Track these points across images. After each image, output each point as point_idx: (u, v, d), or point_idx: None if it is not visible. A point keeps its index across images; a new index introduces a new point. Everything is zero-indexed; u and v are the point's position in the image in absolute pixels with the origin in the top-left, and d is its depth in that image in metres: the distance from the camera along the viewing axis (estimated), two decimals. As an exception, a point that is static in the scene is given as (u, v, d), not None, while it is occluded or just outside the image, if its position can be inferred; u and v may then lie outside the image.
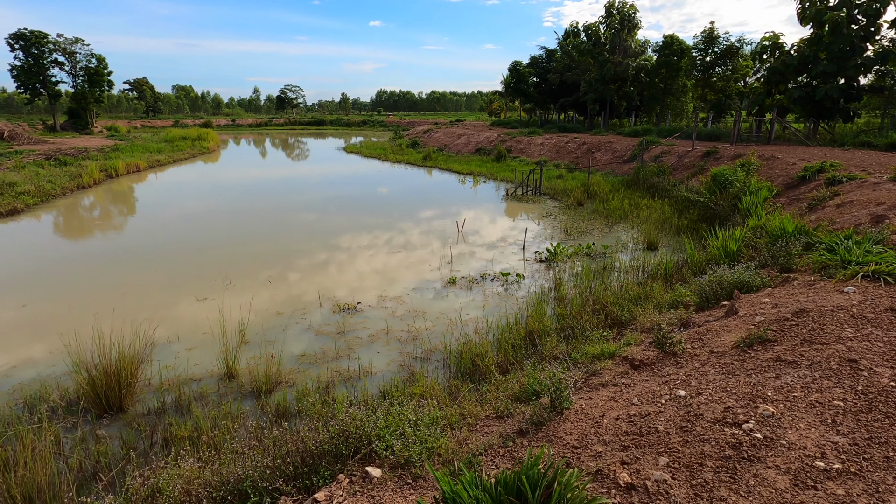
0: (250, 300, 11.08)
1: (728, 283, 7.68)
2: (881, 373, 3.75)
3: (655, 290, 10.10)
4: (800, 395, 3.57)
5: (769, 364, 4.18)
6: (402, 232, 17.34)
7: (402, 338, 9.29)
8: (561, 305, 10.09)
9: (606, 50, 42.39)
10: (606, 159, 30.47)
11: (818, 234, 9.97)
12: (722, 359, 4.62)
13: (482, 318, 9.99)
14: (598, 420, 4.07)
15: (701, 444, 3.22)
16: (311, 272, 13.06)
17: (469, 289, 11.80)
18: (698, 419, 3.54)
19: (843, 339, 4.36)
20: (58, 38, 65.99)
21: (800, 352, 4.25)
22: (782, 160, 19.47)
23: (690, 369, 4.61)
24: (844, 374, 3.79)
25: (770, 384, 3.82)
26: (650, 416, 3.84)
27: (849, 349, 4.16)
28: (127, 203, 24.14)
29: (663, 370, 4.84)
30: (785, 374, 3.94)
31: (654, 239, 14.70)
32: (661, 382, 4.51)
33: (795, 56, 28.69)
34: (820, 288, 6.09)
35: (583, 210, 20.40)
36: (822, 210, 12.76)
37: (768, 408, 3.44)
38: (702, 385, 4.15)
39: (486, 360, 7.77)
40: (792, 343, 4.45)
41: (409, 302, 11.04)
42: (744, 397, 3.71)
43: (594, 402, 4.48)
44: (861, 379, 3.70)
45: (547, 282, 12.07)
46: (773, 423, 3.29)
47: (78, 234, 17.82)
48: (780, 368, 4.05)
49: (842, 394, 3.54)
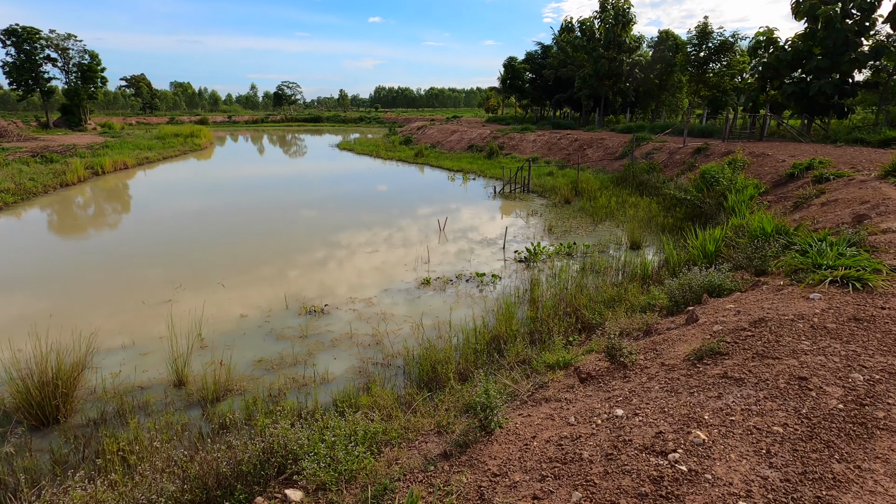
0: (215, 302, 10.76)
1: (698, 287, 7.35)
2: (831, 393, 3.42)
3: (631, 291, 9.77)
4: (738, 420, 3.25)
5: (715, 381, 3.85)
6: (383, 231, 17.00)
7: (366, 342, 8.97)
8: (533, 308, 9.76)
9: (601, 45, 41.92)
10: (598, 156, 30.10)
11: (798, 234, 9.63)
12: (670, 373, 4.29)
13: (451, 322, 9.67)
14: (528, 442, 3.75)
15: (621, 476, 2.89)
16: (282, 273, 12.72)
17: (442, 290, 11.47)
18: (626, 445, 3.22)
19: (798, 353, 4.03)
20: (50, 34, 65.40)
21: (749, 367, 3.93)
22: (772, 157, 19.10)
23: (636, 384, 4.29)
24: (791, 394, 3.47)
25: (710, 405, 3.50)
26: (581, 439, 3.52)
27: (801, 365, 3.83)
28: (108, 201, 23.80)
29: (610, 384, 4.51)
30: (728, 393, 3.61)
31: (637, 238, 14.36)
32: (604, 399, 4.18)
33: (789, 51, 28.27)
34: (787, 294, 5.76)
35: (570, 208, 20.05)
36: (807, 209, 12.41)
37: (700, 435, 3.11)
38: (642, 404, 3.83)
39: (446, 366, 7.45)
40: (743, 357, 4.12)
41: (379, 304, 10.71)
42: (679, 420, 3.38)
43: (531, 420, 4.16)
44: (808, 400, 3.37)
45: (523, 283, 11.74)
46: (703, 452, 2.96)
47: (53, 233, 17.48)
48: (725, 387, 3.72)
49: (784, 418, 3.21)
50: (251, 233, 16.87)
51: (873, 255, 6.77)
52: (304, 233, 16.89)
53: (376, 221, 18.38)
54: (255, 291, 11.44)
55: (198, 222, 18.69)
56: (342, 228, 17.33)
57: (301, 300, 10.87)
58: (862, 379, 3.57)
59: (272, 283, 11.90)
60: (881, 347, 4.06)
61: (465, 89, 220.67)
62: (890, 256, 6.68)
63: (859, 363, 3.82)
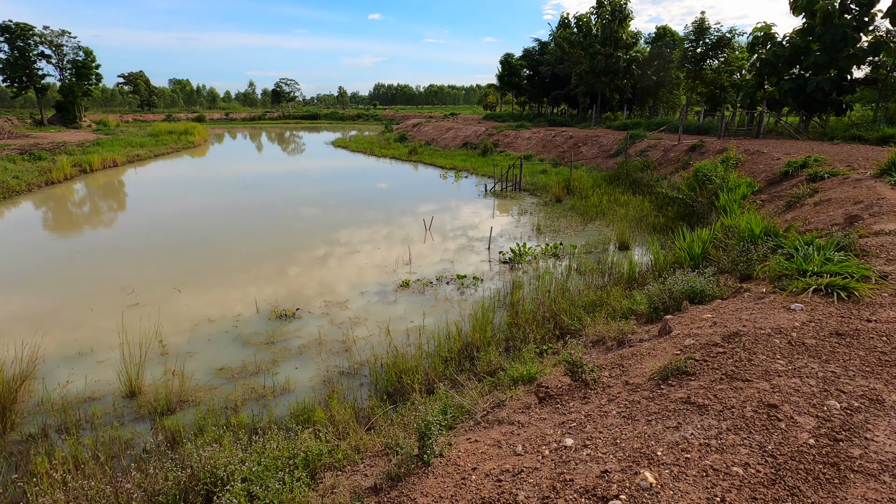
0: (184, 306, 10.37)
1: (678, 294, 6.95)
2: (802, 424, 3.02)
3: (613, 295, 9.38)
4: (694, 458, 2.85)
5: (676, 407, 3.45)
6: (367, 232, 16.60)
7: (335, 349, 8.58)
8: (512, 313, 9.36)
9: (598, 42, 41.40)
10: (593, 153, 29.65)
11: (788, 236, 9.22)
12: (632, 394, 3.90)
13: (426, 327, 9.28)
14: (466, 476, 3.35)
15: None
16: (255, 276, 12.31)
17: (421, 293, 11.07)
18: (567, 487, 2.82)
19: (771, 375, 3.63)
20: (44, 30, 64.85)
21: (716, 391, 3.53)
22: (767, 155, 18.67)
23: (594, 407, 3.89)
24: (758, 425, 3.07)
25: (666, 438, 3.10)
26: (522, 474, 3.13)
27: (773, 389, 3.43)
28: (91, 200, 23.38)
29: (567, 405, 4.11)
30: (688, 423, 3.21)
31: (625, 239, 13.95)
32: (558, 423, 3.79)
33: (787, 47, 27.78)
34: (768, 303, 5.36)
35: (560, 207, 19.63)
36: (800, 208, 11.99)
37: (649, 477, 2.71)
38: (595, 432, 3.43)
39: (412, 377, 7.07)
40: (711, 378, 3.72)
41: (354, 308, 10.32)
42: (630, 456, 2.99)
43: (477, 447, 3.77)
44: (776, 434, 2.97)
45: (505, 285, 11.34)
46: (648, 500, 2.56)
47: (28, 232, 17.06)
48: (686, 415, 3.32)
49: (746, 456, 2.81)
50: (228, 234, 16.46)
51: (863, 260, 6.37)
52: (283, 234, 16.48)
53: (361, 221, 17.97)
54: (227, 294, 11.05)
55: (175, 224, 18.28)
56: (324, 229, 16.92)
57: (273, 304, 10.48)
58: (839, 407, 3.18)
59: (245, 286, 11.50)
60: (863, 368, 3.66)
61: (465, 86, 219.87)
62: (881, 261, 6.27)
63: (837, 387, 3.42)
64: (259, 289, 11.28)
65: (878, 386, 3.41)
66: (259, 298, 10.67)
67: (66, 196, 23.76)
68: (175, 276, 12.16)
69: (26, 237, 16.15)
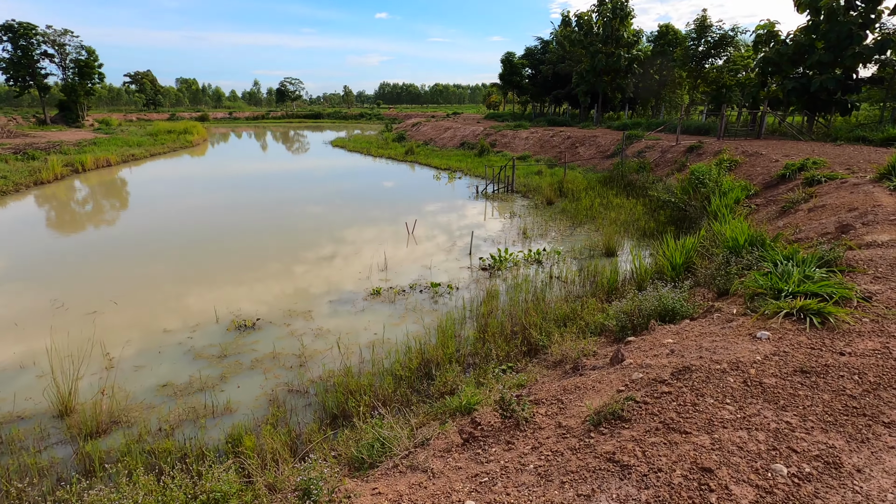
0: (142, 314, 9.94)
1: (648, 311, 6.40)
2: (738, 496, 2.49)
3: (589, 308, 8.84)
4: (596, 542, 2.32)
5: (598, 466, 2.92)
6: (348, 235, 16.13)
7: (289, 364, 8.10)
8: (481, 326, 8.85)
9: (599, 40, 40.68)
10: (590, 154, 29.02)
11: (775, 246, 8.63)
12: (559, 442, 3.38)
13: (388, 340, 8.79)
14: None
15: None
16: (222, 281, 11.86)
17: (392, 302, 10.58)
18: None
19: (715, 426, 3.10)
20: (46, 29, 64.99)
21: (647, 446, 2.99)
22: (766, 156, 18.00)
23: (515, 456, 3.38)
24: (684, 497, 2.53)
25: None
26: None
27: (713, 445, 2.90)
28: (76, 201, 23.07)
29: (489, 452, 3.60)
30: (603, 491, 2.68)
31: (612, 244, 13.38)
32: (469, 477, 3.27)
33: (791, 45, 26.98)
34: (734, 328, 4.81)
35: (551, 210, 19.07)
36: (794, 214, 11.38)
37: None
38: (503, 494, 2.92)
39: (360, 398, 6.57)
40: (646, 428, 3.19)
41: (318, 318, 9.84)
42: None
43: (377, 503, 3.26)
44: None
45: (481, 294, 10.81)
46: None
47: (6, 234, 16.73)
48: (604, 478, 2.79)
49: (659, 542, 2.28)
50: (201, 237, 16.04)
51: (848, 277, 5.79)
52: (259, 237, 16.03)
53: (344, 224, 17.50)
54: (187, 302, 10.60)
55: (149, 227, 17.90)
56: (303, 232, 16.46)
57: (235, 313, 10.02)
58: (786, 473, 2.64)
59: (207, 294, 11.05)
60: (824, 418, 3.12)
61: (471, 85, 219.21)
62: (867, 279, 5.70)
63: (789, 444, 2.88)
64: (222, 297, 10.83)
65: (839, 443, 2.87)
66: (221, 307, 10.22)
67: (53, 196, 23.46)
68: (137, 283, 11.74)
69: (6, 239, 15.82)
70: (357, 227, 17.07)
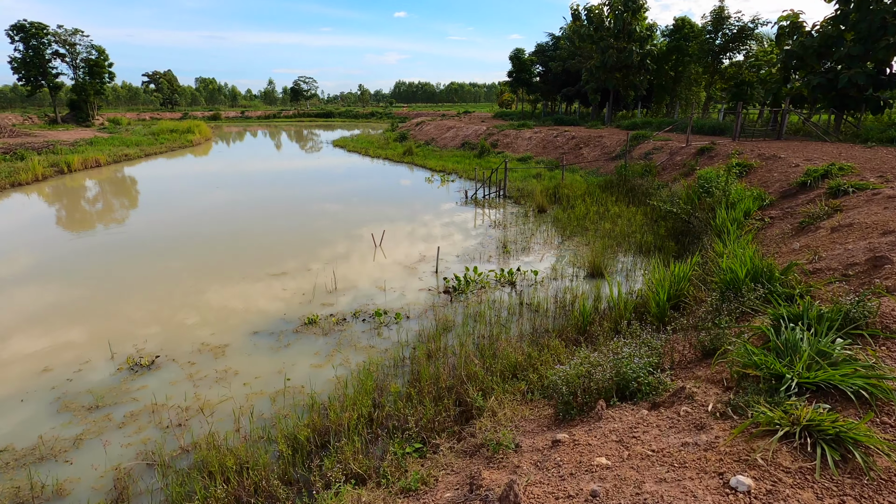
0: (30, 347, 8.52)
1: (599, 385, 4.67)
2: None
3: (551, 351, 7.14)
4: None
5: None
6: (308, 249, 14.59)
7: (167, 422, 6.55)
8: (412, 376, 7.19)
9: (611, 35, 38.48)
10: (594, 155, 27.04)
11: (788, 278, 6.78)
12: None
13: (301, 390, 7.19)
14: None
15: None
16: (138, 305, 10.39)
17: (325, 335, 8.98)
18: None
19: None
20: (57, 29, 65.27)
21: None
22: (785, 160, 15.92)
23: None
24: None
25: None
26: None
27: None
28: (51, 203, 22.01)
29: None
30: None
31: (599, 263, 11.56)
32: None
33: (816, 37, 24.63)
34: (700, 453, 3.07)
35: (542, 218, 17.26)
36: (814, 233, 9.44)
37: None
38: None
39: (217, 486, 4.98)
40: None
41: (231, 355, 8.29)
42: None
43: None
44: None
45: (432, 326, 9.14)
46: None
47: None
48: None
49: None
50: (148, 251, 14.67)
51: (882, 350, 3.97)
52: (207, 250, 14.58)
53: (308, 235, 15.96)
54: (85, 331, 9.13)
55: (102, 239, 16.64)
56: (258, 245, 14.94)
57: (139, 345, 8.54)
58: None
59: (113, 321, 9.57)
60: None
61: (486, 84, 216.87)
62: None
63: None
64: (130, 325, 9.35)
65: None
66: (124, 339, 8.75)
67: (25, 198, 22.46)
68: (38, 308, 10.36)
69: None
70: (322, 238, 15.51)
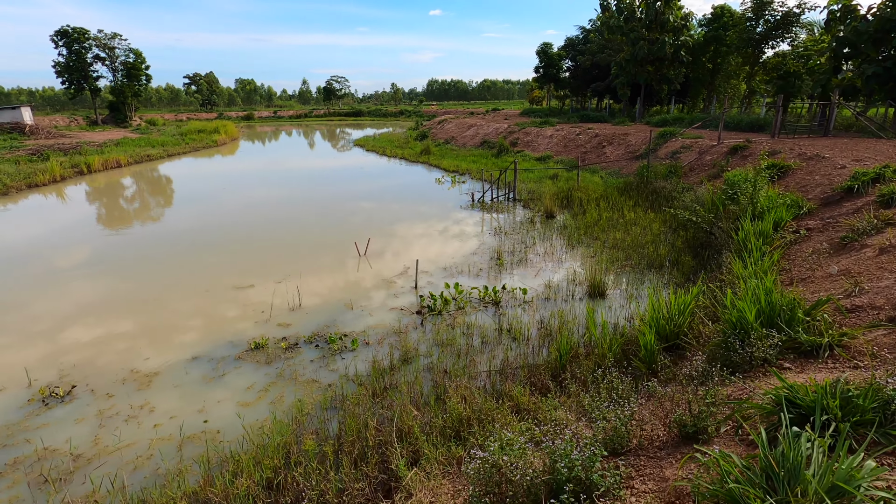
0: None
1: (534, 481, 3.35)
2: None
3: (514, 400, 5.83)
4: None
5: None
6: (290, 256, 13.63)
7: (48, 475, 5.60)
8: (340, 423, 6.00)
9: (643, 25, 36.15)
10: (618, 155, 25.15)
11: (816, 319, 5.23)
12: None
13: (211, 438, 6.12)
14: None
15: None
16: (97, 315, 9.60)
17: (269, 363, 7.90)
18: None
19: None
20: (98, 33, 67.56)
21: None
22: (829, 161, 13.88)
23: None
24: None
25: None
26: None
27: None
28: (57, 206, 21.99)
29: None
30: None
31: (599, 281, 10.06)
32: None
33: (872, 21, 22.02)
34: None
35: (551, 224, 15.76)
36: (858, 252, 7.70)
37: None
38: None
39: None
40: None
41: (158, 386, 7.32)
42: None
43: None
44: None
45: (393, 354, 7.92)
46: None
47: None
48: None
49: None
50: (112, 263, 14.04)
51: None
52: (185, 258, 13.84)
53: (291, 243, 14.99)
54: (15, 353, 8.36)
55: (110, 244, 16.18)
56: (239, 251, 14.08)
57: (63, 370, 7.70)
58: None
59: (57, 340, 8.79)
60: None
61: (520, 80, 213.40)
62: None
63: None
64: (67, 345, 8.55)
65: None
66: (52, 361, 7.93)
67: (33, 201, 22.57)
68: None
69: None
70: (305, 247, 14.51)
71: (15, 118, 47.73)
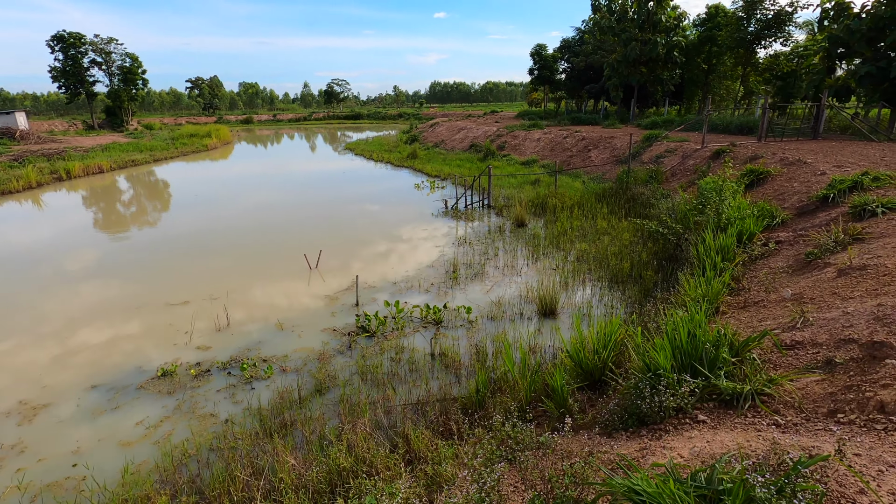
0: None
1: None
2: None
3: (400, 449, 5.11)
4: None
5: None
6: (235, 268, 12.99)
7: None
8: (212, 474, 5.31)
9: (635, 25, 35.34)
10: (602, 158, 24.38)
11: (746, 364, 4.48)
12: None
13: (78, 482, 5.47)
14: None
15: None
16: (48, 338, 8.98)
17: (171, 393, 7.24)
18: None
19: None
20: (94, 38, 67.59)
21: None
22: (810, 166, 13.09)
23: None
24: None
25: None
26: None
27: None
28: (22, 215, 21.51)
29: None
30: None
31: (552, 299, 9.32)
32: None
33: (866, 20, 21.14)
34: None
35: (520, 233, 15.03)
36: (819, 272, 6.93)
37: None
38: None
39: None
40: None
41: (42, 420, 6.68)
42: None
43: None
44: None
45: (307, 384, 7.24)
46: None
47: None
48: None
49: None
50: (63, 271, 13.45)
51: None
52: (133, 269, 13.25)
53: (244, 255, 14.38)
54: None
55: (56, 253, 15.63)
56: (184, 265, 13.48)
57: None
58: None
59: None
60: None
61: (523, 82, 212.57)
62: None
63: None
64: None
65: None
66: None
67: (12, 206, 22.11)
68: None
69: None
70: (255, 259, 13.85)
71: (7, 123, 47.51)
